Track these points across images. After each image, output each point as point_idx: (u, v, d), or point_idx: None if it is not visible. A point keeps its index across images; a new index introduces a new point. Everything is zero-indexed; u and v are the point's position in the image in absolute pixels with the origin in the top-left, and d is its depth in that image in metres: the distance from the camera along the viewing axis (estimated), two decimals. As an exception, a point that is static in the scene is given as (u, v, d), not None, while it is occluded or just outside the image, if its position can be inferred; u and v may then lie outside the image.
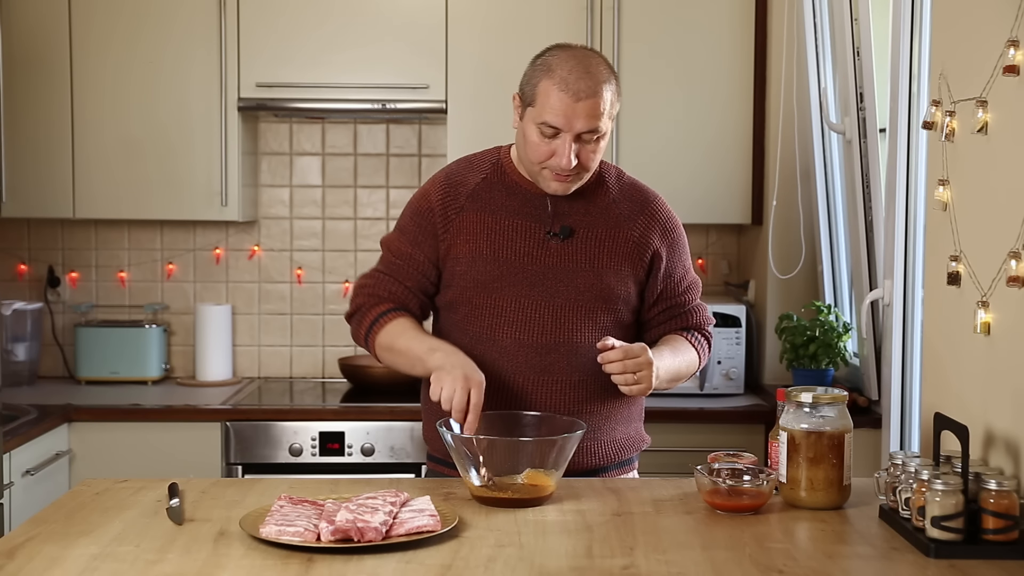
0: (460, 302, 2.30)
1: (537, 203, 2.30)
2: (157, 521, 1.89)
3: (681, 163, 3.84)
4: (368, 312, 2.33)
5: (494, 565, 1.68)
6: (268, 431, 3.53)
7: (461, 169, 2.36)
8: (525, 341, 2.26)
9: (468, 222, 2.29)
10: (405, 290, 2.33)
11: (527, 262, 2.27)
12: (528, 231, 2.28)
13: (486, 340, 2.27)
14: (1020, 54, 1.84)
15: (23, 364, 3.92)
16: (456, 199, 2.31)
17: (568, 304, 2.27)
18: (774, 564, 1.70)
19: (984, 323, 1.93)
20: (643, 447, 2.42)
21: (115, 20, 3.77)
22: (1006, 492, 1.75)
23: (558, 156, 2.18)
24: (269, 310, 4.18)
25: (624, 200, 2.34)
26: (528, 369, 2.26)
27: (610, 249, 2.29)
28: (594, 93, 2.15)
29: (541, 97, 2.17)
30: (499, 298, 2.27)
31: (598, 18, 3.80)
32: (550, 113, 2.16)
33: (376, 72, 3.80)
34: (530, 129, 2.20)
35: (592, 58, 2.21)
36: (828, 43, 3.57)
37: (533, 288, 2.27)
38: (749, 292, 4.00)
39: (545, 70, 2.18)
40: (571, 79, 2.15)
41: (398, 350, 2.28)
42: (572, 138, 2.17)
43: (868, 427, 3.19)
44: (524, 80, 2.24)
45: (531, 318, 2.26)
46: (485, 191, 2.31)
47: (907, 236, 2.97)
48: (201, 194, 3.81)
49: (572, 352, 2.26)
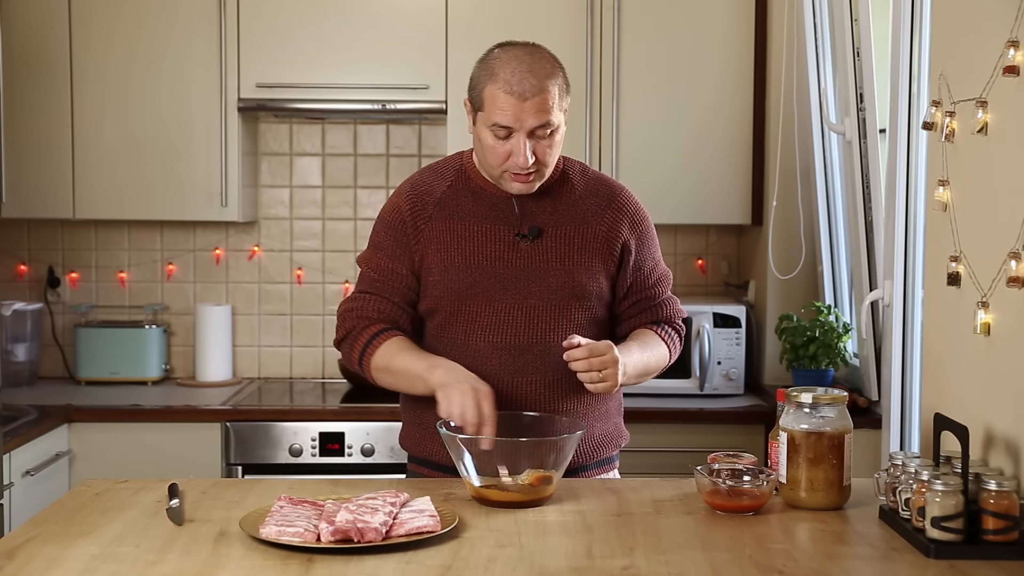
0: (435, 311, 2.30)
1: (504, 205, 2.30)
2: (157, 522, 1.89)
3: (681, 163, 3.84)
4: (360, 335, 2.30)
5: (494, 565, 1.68)
6: (268, 431, 3.53)
7: (426, 178, 2.36)
8: (498, 344, 2.26)
9: (437, 231, 2.29)
10: (393, 307, 2.31)
11: (498, 266, 2.27)
12: (497, 235, 2.28)
13: (460, 346, 2.26)
14: (1020, 54, 1.84)
15: (23, 364, 3.92)
16: (424, 208, 2.30)
17: (541, 304, 2.27)
18: (774, 564, 1.70)
19: (984, 324, 1.93)
20: (623, 444, 2.42)
21: (115, 20, 3.77)
22: (1006, 493, 1.75)
23: (515, 155, 2.19)
24: (269, 310, 4.18)
25: (590, 195, 2.35)
26: (502, 371, 2.26)
27: (579, 246, 2.30)
28: (540, 91, 2.16)
29: (488, 101, 2.19)
30: (473, 304, 2.27)
31: (598, 18, 3.80)
32: (499, 115, 2.17)
33: (376, 72, 3.80)
34: (484, 133, 2.22)
35: (534, 55, 2.21)
36: (828, 43, 3.57)
37: (506, 291, 2.27)
38: (749, 292, 4.00)
39: (489, 74, 2.20)
40: (514, 80, 2.16)
41: (395, 370, 2.25)
42: (525, 136, 2.18)
43: (868, 427, 3.19)
44: (471, 85, 2.26)
45: (504, 321, 2.26)
46: (451, 198, 2.31)
47: (907, 236, 2.97)
48: (201, 194, 3.81)
49: (545, 352, 2.26)
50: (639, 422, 3.54)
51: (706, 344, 3.69)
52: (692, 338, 3.70)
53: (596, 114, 3.81)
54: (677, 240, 4.21)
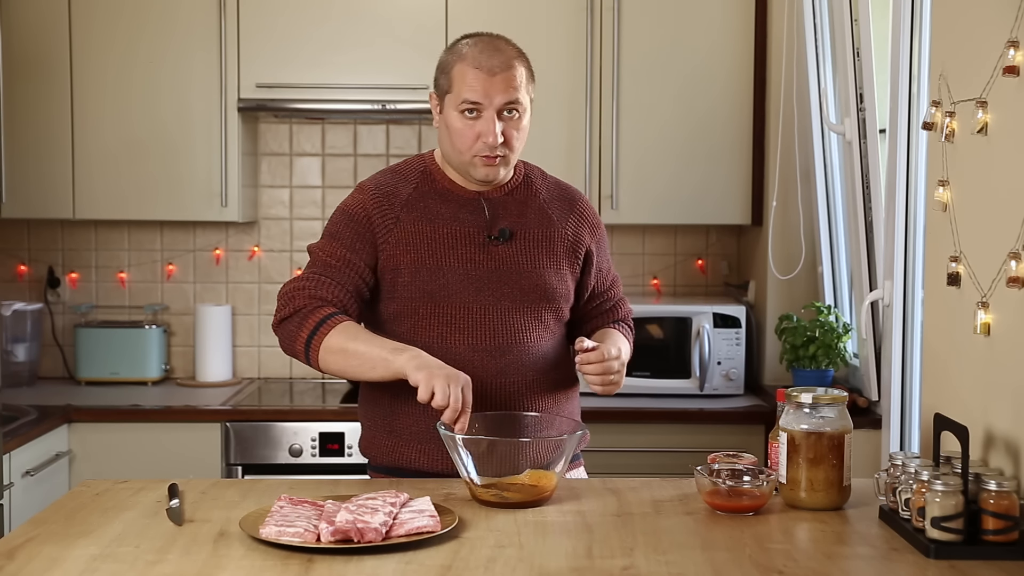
0: (406, 313, 2.27)
1: (473, 207, 2.31)
2: (157, 522, 1.90)
3: (681, 163, 3.84)
4: (310, 314, 2.20)
5: (494, 566, 1.68)
6: (268, 432, 3.53)
7: (388, 180, 2.33)
8: (478, 346, 2.26)
9: (405, 233, 2.27)
10: (345, 293, 2.25)
11: (471, 268, 2.27)
12: (468, 236, 2.28)
13: (437, 349, 2.22)
14: (1020, 55, 1.84)
15: (23, 365, 3.92)
16: (391, 209, 2.28)
17: (514, 306, 2.28)
18: (774, 565, 1.70)
19: (984, 324, 1.93)
20: (586, 443, 2.39)
21: (115, 21, 3.77)
22: (1006, 493, 1.75)
23: (484, 135, 2.21)
24: (269, 311, 4.18)
25: (553, 199, 2.38)
26: (484, 373, 2.25)
27: (548, 249, 2.33)
28: (507, 67, 2.22)
29: (457, 81, 2.23)
30: (447, 306, 2.25)
31: (598, 18, 3.80)
32: (468, 91, 2.21)
33: (376, 73, 3.80)
34: (452, 117, 2.24)
35: (499, 39, 2.28)
36: (828, 43, 3.57)
37: (480, 293, 2.27)
38: (749, 293, 4.00)
39: (457, 56, 2.25)
40: (483, 58, 2.22)
41: (352, 351, 2.16)
42: (494, 114, 2.21)
43: (868, 428, 3.19)
44: (437, 73, 2.30)
45: (481, 323, 2.26)
46: (418, 200, 2.30)
47: (907, 237, 2.97)
48: (201, 195, 3.81)
49: (525, 352, 2.28)
50: (639, 422, 3.55)
51: (706, 344, 3.69)
52: (692, 338, 3.70)
53: (596, 114, 3.81)
54: (677, 240, 4.21)
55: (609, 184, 3.82)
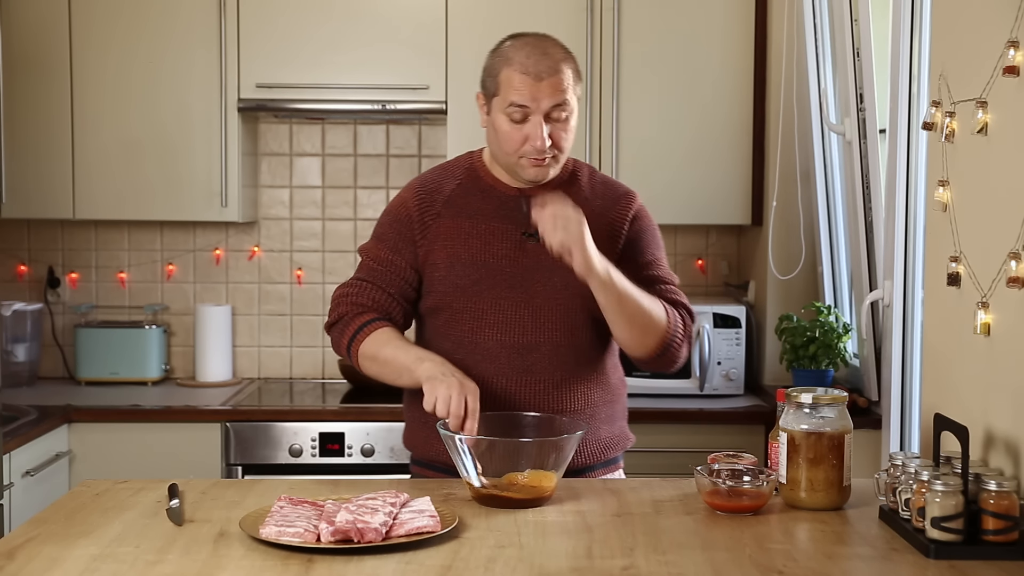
0: (441, 307, 2.31)
1: (512, 205, 2.31)
2: (157, 522, 1.90)
3: (681, 163, 3.84)
4: (351, 321, 2.31)
5: (494, 566, 1.68)
6: (268, 432, 3.53)
7: (435, 176, 2.38)
8: (506, 342, 2.27)
9: (445, 228, 2.30)
10: (388, 297, 2.32)
11: (505, 264, 2.28)
12: (505, 233, 2.29)
13: (468, 344, 2.27)
14: (1020, 55, 1.84)
15: (23, 365, 3.91)
16: (432, 205, 2.32)
17: (547, 304, 2.28)
18: (774, 565, 1.70)
19: (984, 324, 1.93)
20: (628, 446, 2.42)
21: (115, 21, 3.77)
22: (1006, 493, 1.75)
23: (531, 138, 2.20)
24: (269, 311, 4.18)
25: (596, 197, 2.36)
26: (510, 370, 2.26)
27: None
28: (555, 71, 2.20)
29: (504, 84, 2.22)
30: (479, 301, 2.27)
31: (598, 18, 3.80)
32: (515, 95, 2.19)
33: (376, 73, 3.80)
34: (499, 119, 2.23)
35: (547, 40, 2.26)
36: (828, 44, 3.57)
37: (512, 290, 2.27)
38: (749, 293, 4.00)
39: (504, 60, 2.23)
40: (530, 62, 2.20)
41: (383, 360, 2.26)
42: (541, 117, 2.20)
43: (868, 428, 3.19)
44: (484, 75, 2.29)
45: (511, 319, 2.27)
46: (460, 196, 2.33)
47: (907, 237, 2.97)
48: (201, 195, 3.81)
49: (553, 351, 2.27)
50: (639, 422, 3.52)
51: (706, 344, 3.69)
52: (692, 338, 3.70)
53: (596, 114, 3.81)
54: (677, 240, 4.21)
55: (609, 184, 3.81)
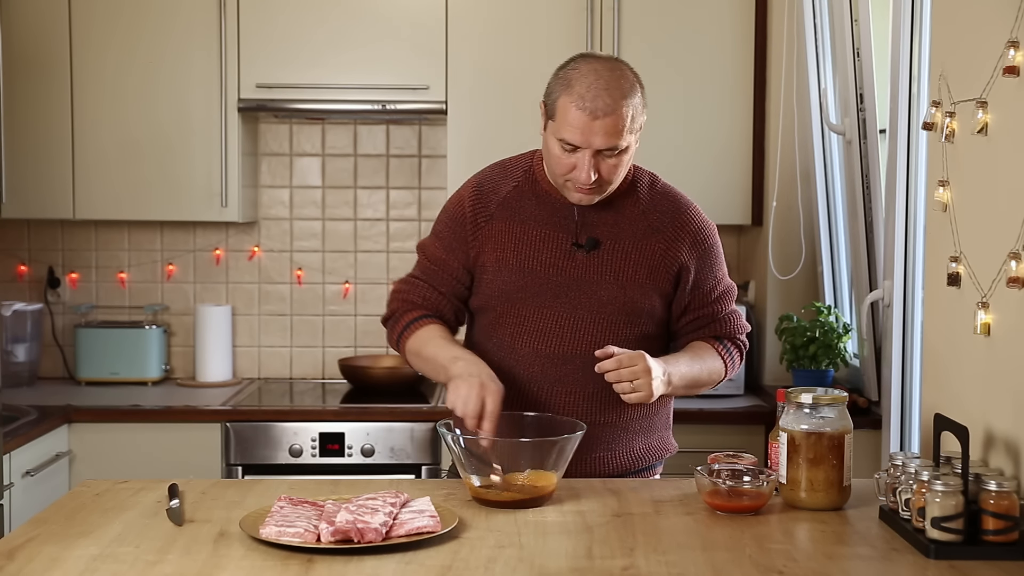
0: (486, 309, 2.32)
1: (565, 212, 2.28)
2: (157, 522, 1.90)
3: (681, 163, 3.84)
4: (401, 318, 2.35)
5: (494, 566, 1.68)
6: (268, 432, 3.53)
7: (495, 175, 2.35)
8: (542, 351, 2.26)
9: (496, 231, 2.29)
10: (439, 296, 2.34)
11: (552, 273, 2.26)
12: (554, 241, 2.27)
13: (506, 348, 2.28)
14: (1020, 55, 1.84)
15: (23, 365, 3.91)
16: (487, 207, 2.30)
17: (589, 316, 2.25)
18: (774, 565, 1.70)
19: (984, 324, 1.93)
20: (666, 456, 2.39)
21: (115, 21, 3.77)
22: (1006, 493, 1.75)
23: (578, 170, 2.16)
24: (269, 311, 4.18)
25: (654, 210, 2.30)
26: (543, 379, 2.26)
27: (635, 262, 2.26)
28: (613, 111, 2.11)
29: (560, 113, 2.15)
30: (522, 308, 2.27)
31: (598, 18, 3.79)
32: (568, 131, 2.13)
33: (376, 73, 3.80)
34: (551, 142, 2.18)
35: (614, 71, 2.15)
36: (828, 44, 3.57)
37: (556, 299, 2.26)
38: (749, 293, 4.00)
39: (565, 85, 2.15)
40: (588, 96, 2.10)
41: (425, 357, 2.28)
42: (592, 154, 2.14)
43: (868, 428, 3.19)
44: (547, 92, 2.21)
45: (550, 329, 2.26)
46: (515, 200, 2.30)
47: (907, 237, 2.97)
48: (201, 195, 3.81)
49: (588, 364, 2.21)
50: (639, 422, 3.54)
51: (706, 344, 3.69)
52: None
53: (596, 114, 3.81)
54: (677, 240, 4.20)
55: (609, 184, 3.81)
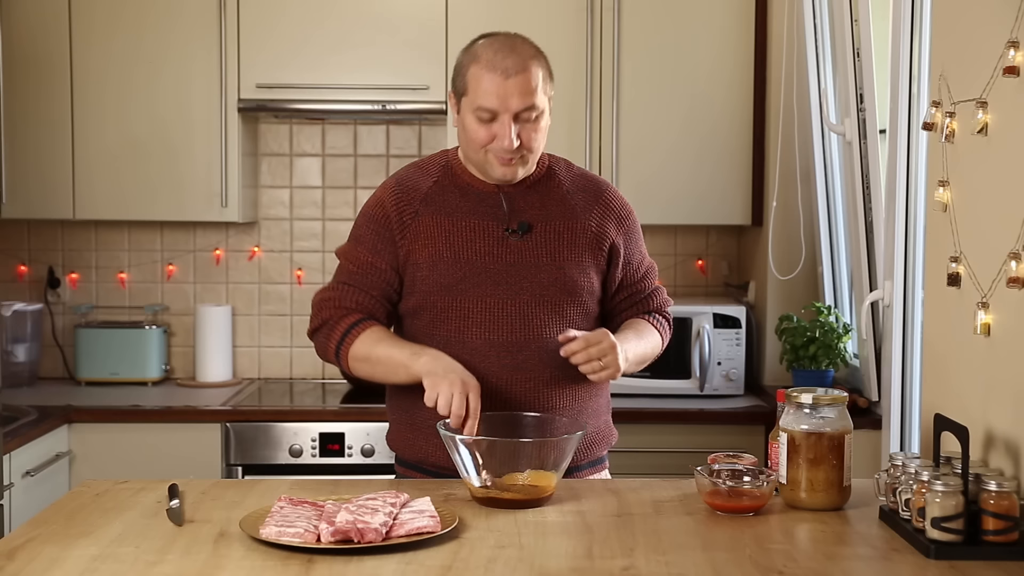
0: (424, 307, 2.28)
1: (492, 201, 2.30)
2: (157, 522, 1.90)
3: (681, 164, 3.84)
4: (337, 324, 2.28)
5: (494, 566, 1.68)
6: (268, 432, 3.53)
7: (411, 174, 2.36)
8: (495, 341, 2.25)
9: (424, 226, 2.28)
10: (371, 299, 2.30)
11: (488, 261, 2.26)
12: (486, 230, 2.28)
13: (455, 343, 2.25)
14: (1020, 55, 1.84)
15: (23, 365, 3.92)
16: (410, 204, 2.30)
17: (534, 300, 2.26)
18: (774, 565, 1.70)
19: (984, 324, 1.93)
20: (612, 442, 2.41)
21: (116, 21, 3.77)
22: (1006, 493, 1.75)
23: (499, 138, 2.20)
24: (269, 311, 4.18)
25: (577, 191, 2.35)
26: (500, 368, 2.25)
27: (569, 242, 2.30)
28: (523, 68, 2.18)
29: (472, 83, 2.20)
30: (464, 300, 2.26)
31: (598, 18, 3.80)
32: (484, 96, 2.18)
33: (376, 73, 3.80)
34: (468, 119, 2.22)
35: (516, 39, 2.25)
36: (828, 44, 3.57)
37: (497, 287, 2.26)
38: (749, 293, 4.00)
39: (472, 58, 2.22)
40: (498, 59, 2.19)
41: (376, 359, 2.24)
42: (510, 118, 2.19)
43: (868, 428, 3.19)
44: (454, 74, 2.28)
45: (498, 317, 2.25)
46: (438, 194, 2.31)
47: (907, 237, 2.97)
48: (201, 195, 3.81)
49: (543, 348, 2.25)
50: (639, 423, 3.54)
51: (706, 344, 3.69)
52: (692, 338, 3.70)
53: (596, 114, 3.81)
54: (677, 240, 4.21)
55: (609, 184, 3.82)
